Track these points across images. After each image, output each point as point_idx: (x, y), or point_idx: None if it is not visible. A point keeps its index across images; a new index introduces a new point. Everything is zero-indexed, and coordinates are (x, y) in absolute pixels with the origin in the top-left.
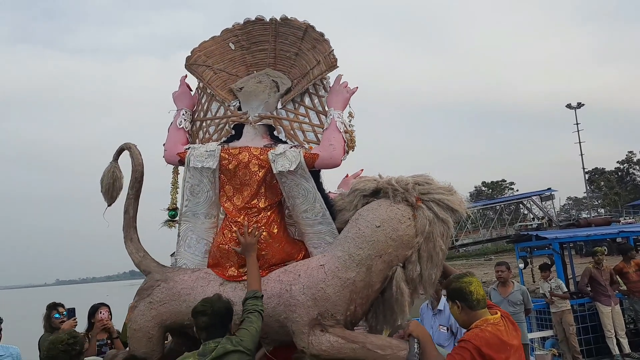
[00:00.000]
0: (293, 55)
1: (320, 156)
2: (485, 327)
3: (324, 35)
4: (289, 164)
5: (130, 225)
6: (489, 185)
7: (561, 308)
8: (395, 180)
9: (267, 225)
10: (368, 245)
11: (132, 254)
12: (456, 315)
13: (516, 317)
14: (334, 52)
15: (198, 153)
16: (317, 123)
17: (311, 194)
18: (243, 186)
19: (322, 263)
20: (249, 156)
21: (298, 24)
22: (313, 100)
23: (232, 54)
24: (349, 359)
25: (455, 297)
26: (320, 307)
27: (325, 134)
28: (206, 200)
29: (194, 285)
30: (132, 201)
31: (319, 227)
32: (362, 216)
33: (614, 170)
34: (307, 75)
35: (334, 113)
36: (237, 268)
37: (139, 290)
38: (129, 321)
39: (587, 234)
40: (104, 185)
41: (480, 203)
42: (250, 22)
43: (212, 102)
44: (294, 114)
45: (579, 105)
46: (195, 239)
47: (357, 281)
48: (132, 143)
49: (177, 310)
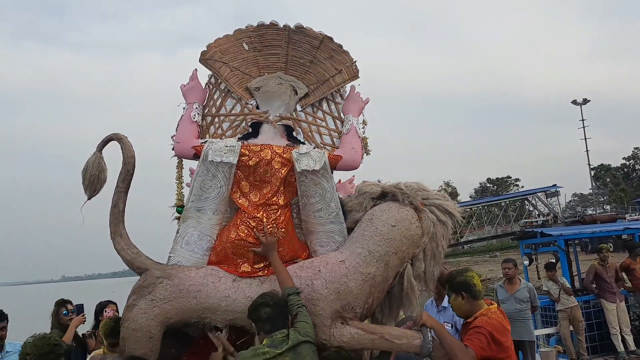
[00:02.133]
0: (307, 63)
1: (343, 158)
2: (491, 315)
3: (342, 47)
4: (314, 164)
5: (120, 220)
6: (494, 182)
7: (569, 305)
8: (403, 185)
9: (285, 222)
10: (386, 243)
11: (122, 251)
12: (460, 305)
13: (522, 314)
14: (356, 64)
15: (217, 147)
16: (333, 128)
17: (329, 194)
18: (262, 183)
19: (342, 259)
20: (272, 154)
21: (314, 33)
22: (330, 106)
23: (245, 54)
24: (367, 349)
25: (461, 289)
26: (343, 300)
27: (346, 138)
28: (217, 196)
29: (204, 281)
30: (123, 194)
31: (330, 226)
32: (376, 216)
33: (620, 167)
34: (328, 82)
35: (352, 119)
36: (250, 264)
37: (137, 289)
38: (125, 320)
39: (592, 230)
40: (88, 176)
41: (485, 199)
42: (263, 26)
43: (226, 98)
44: (312, 117)
45: (584, 101)
46: (197, 235)
47: (377, 276)
48: (121, 134)
49: (185, 307)
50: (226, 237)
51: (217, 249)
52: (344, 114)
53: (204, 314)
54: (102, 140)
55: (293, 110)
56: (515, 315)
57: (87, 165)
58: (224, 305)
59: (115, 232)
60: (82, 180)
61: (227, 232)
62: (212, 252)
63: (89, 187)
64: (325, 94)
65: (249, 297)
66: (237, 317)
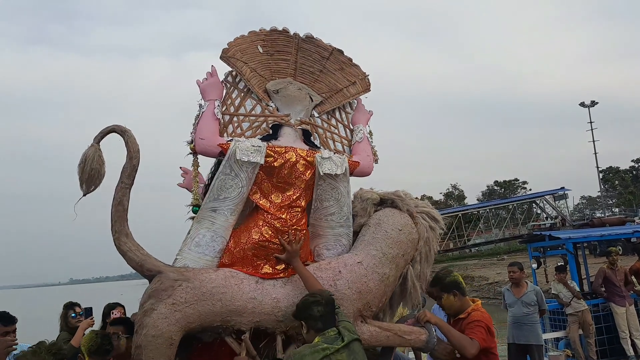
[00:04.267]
0: (317, 72)
1: (361, 165)
2: (482, 309)
3: (352, 60)
4: (336, 168)
5: (125, 218)
6: (502, 185)
7: (580, 308)
8: (402, 193)
9: (305, 225)
10: (396, 246)
11: (130, 252)
12: (452, 303)
13: (530, 317)
14: (369, 77)
15: (244, 147)
16: (344, 135)
17: (344, 198)
18: (286, 185)
19: (359, 260)
20: (297, 156)
21: (324, 45)
22: (341, 114)
23: (260, 56)
24: (383, 345)
25: (452, 288)
26: (363, 299)
27: (360, 147)
28: (238, 196)
29: (226, 283)
30: (128, 191)
31: (339, 230)
32: (383, 221)
33: (629, 169)
34: (342, 92)
35: (363, 129)
36: (272, 266)
37: (154, 292)
38: (143, 327)
39: (601, 233)
40: (88, 170)
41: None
42: (276, 31)
43: (246, 98)
44: (327, 124)
45: (592, 104)
46: (210, 237)
47: (390, 276)
48: (124, 126)
49: (209, 310)
50: (246, 239)
51: (232, 250)
52: (353, 124)
53: (229, 317)
54: (100, 132)
55: (310, 116)
56: (522, 318)
57: (85, 158)
58: (250, 307)
59: (121, 232)
60: (80, 174)
61: (246, 234)
62: (224, 254)
63: (88, 182)
64: (341, 103)
65: (275, 299)
66: (263, 319)
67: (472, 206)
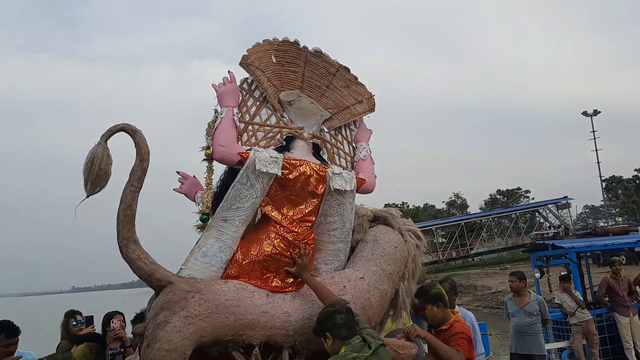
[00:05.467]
0: (324, 87)
1: (367, 182)
2: (462, 320)
3: (358, 79)
4: (346, 184)
5: (133, 224)
6: (505, 193)
7: (584, 318)
8: (393, 211)
9: (313, 240)
10: (393, 262)
11: (138, 260)
12: (435, 314)
13: (533, 327)
14: (374, 98)
15: (263, 157)
16: (348, 152)
17: (348, 214)
18: (298, 198)
19: (361, 276)
20: (310, 170)
21: (331, 61)
22: (346, 131)
23: (273, 66)
24: None
25: (437, 299)
26: (366, 315)
27: (365, 164)
28: (251, 207)
29: (239, 296)
30: (137, 195)
31: (339, 245)
32: (379, 238)
33: (632, 178)
34: (349, 109)
35: (367, 147)
36: (281, 279)
37: (166, 304)
38: (156, 341)
39: (604, 243)
40: (95, 170)
41: (496, 211)
42: (287, 42)
43: (261, 107)
44: (335, 140)
45: (595, 113)
46: (218, 247)
47: (388, 292)
48: (134, 126)
49: (222, 324)
50: (257, 251)
51: (241, 262)
52: (356, 142)
53: (242, 331)
54: (109, 130)
55: (320, 131)
56: (525, 328)
57: (92, 157)
58: (263, 321)
59: (129, 239)
60: (87, 173)
61: (257, 245)
62: (231, 265)
63: (94, 182)
64: (349, 120)
65: (286, 313)
66: (274, 333)
67: (474, 215)
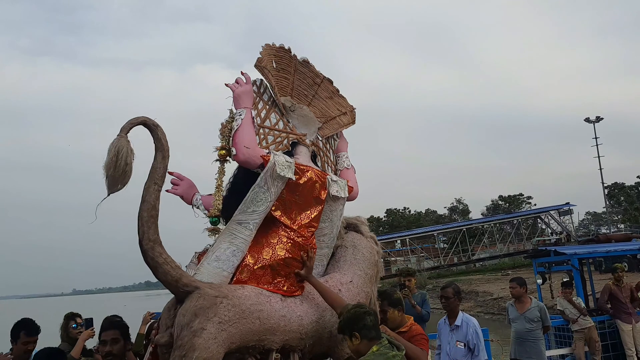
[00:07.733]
0: (310, 96)
1: (354, 190)
2: (416, 323)
3: (339, 91)
4: (342, 191)
5: (157, 225)
6: (506, 199)
7: (586, 325)
8: (362, 218)
9: (315, 244)
10: (372, 267)
11: (165, 264)
12: (395, 317)
13: (533, 334)
14: (355, 110)
15: (281, 161)
16: (332, 160)
17: (337, 221)
18: (305, 203)
19: (349, 280)
20: (315, 176)
21: (316, 71)
22: (331, 141)
23: (274, 71)
24: None
25: (398, 304)
26: None
27: (349, 173)
28: (265, 211)
29: (260, 300)
30: (159, 194)
31: (325, 251)
32: (357, 244)
33: (634, 185)
34: (336, 120)
35: (348, 157)
36: (291, 283)
37: (200, 310)
38: (194, 349)
39: (606, 249)
40: (121, 165)
41: (498, 217)
42: (283, 49)
43: (270, 111)
44: (325, 148)
45: (597, 119)
46: (231, 251)
47: (372, 294)
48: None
49: (248, 329)
50: (270, 255)
51: (252, 266)
52: (338, 151)
53: (265, 336)
54: (130, 122)
55: (316, 138)
56: (525, 334)
57: (117, 151)
58: (282, 325)
59: (155, 241)
60: (113, 169)
61: (268, 249)
62: (241, 270)
63: (120, 178)
64: (337, 131)
65: (299, 316)
66: (291, 337)
67: (476, 221)
